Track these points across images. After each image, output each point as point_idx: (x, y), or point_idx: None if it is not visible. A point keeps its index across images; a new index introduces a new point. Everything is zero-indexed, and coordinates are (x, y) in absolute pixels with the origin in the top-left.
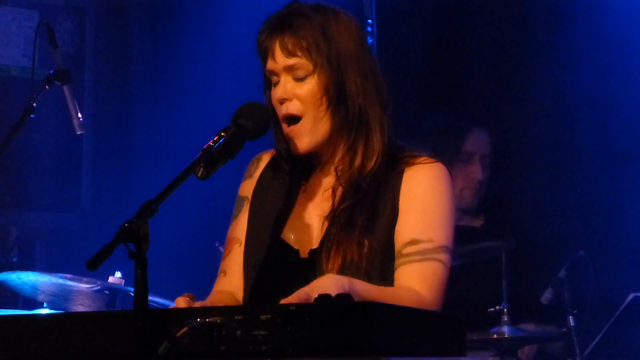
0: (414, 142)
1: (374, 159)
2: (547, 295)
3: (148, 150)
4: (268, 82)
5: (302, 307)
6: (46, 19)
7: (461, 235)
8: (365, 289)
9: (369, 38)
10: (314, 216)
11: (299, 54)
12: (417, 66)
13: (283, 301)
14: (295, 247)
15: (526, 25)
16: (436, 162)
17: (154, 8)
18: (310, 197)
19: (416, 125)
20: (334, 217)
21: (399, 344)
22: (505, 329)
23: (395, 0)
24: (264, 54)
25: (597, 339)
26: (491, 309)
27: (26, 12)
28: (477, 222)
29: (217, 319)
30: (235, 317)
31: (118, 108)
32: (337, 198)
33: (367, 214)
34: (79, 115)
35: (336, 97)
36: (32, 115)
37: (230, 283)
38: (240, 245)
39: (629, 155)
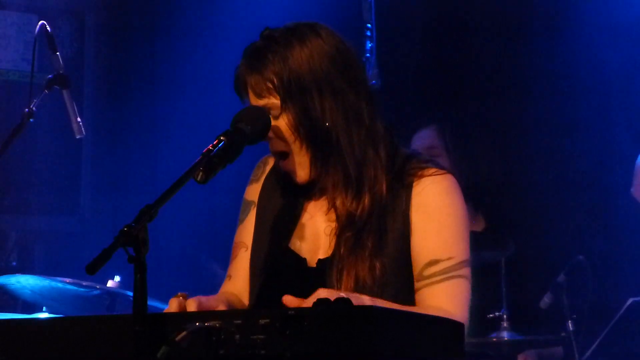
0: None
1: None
2: (546, 300)
3: (147, 155)
4: None
5: (301, 312)
6: (45, 23)
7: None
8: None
9: (367, 42)
10: (320, 225)
11: (266, 95)
12: (416, 70)
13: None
14: (303, 256)
15: (524, 29)
16: (445, 173)
17: (152, 12)
18: (316, 205)
19: (415, 129)
20: (341, 236)
21: (398, 348)
22: (504, 334)
23: (394, 5)
24: (242, 93)
25: (595, 344)
26: (490, 315)
27: (25, 16)
28: (478, 227)
29: (216, 323)
30: (234, 322)
31: (117, 112)
32: (341, 213)
33: (376, 234)
34: (78, 119)
35: (305, 129)
36: (31, 120)
37: (235, 287)
38: (246, 250)
39: (630, 159)
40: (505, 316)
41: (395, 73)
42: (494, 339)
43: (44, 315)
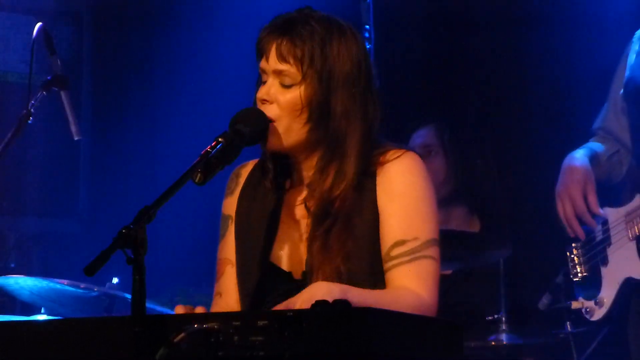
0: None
1: (344, 183)
2: (544, 301)
3: (146, 156)
4: (259, 79)
5: (299, 313)
6: (44, 25)
7: (460, 241)
8: (360, 295)
9: (366, 44)
10: (297, 235)
11: (291, 61)
12: (414, 71)
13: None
14: (287, 270)
15: (523, 29)
16: (405, 152)
17: (151, 13)
18: (292, 214)
19: (415, 128)
20: (312, 244)
21: (396, 350)
22: (503, 336)
23: (392, 6)
24: (261, 51)
25: (593, 345)
26: (489, 318)
27: (24, 18)
28: (474, 228)
29: (215, 325)
30: (233, 323)
31: (116, 114)
32: (311, 219)
33: (343, 234)
34: (77, 121)
35: (318, 113)
36: (29, 121)
37: (227, 304)
38: (232, 267)
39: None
40: (503, 318)
41: (393, 74)
42: (493, 343)
43: (42, 316)
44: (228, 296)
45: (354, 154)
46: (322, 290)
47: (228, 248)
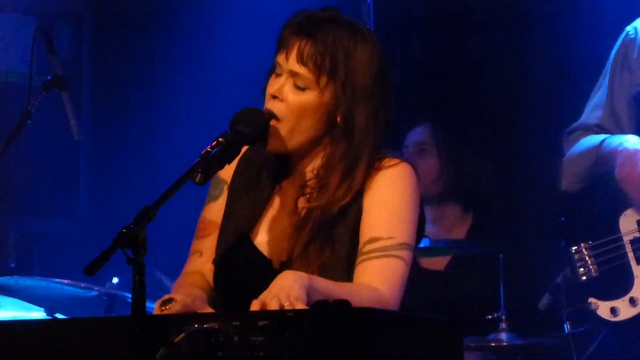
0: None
1: (351, 193)
2: (544, 301)
3: (146, 156)
4: (273, 68)
5: (299, 313)
6: (44, 25)
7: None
8: (325, 286)
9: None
10: (284, 225)
11: (310, 66)
12: (415, 72)
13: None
14: (268, 257)
15: (524, 30)
16: (400, 162)
17: (151, 14)
18: (283, 203)
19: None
20: (297, 240)
21: (396, 350)
22: (503, 335)
23: (392, 7)
24: (281, 46)
25: (594, 345)
26: (489, 316)
27: (24, 18)
28: (466, 225)
29: (215, 325)
30: (233, 323)
31: (116, 114)
32: (302, 213)
33: (324, 243)
34: (77, 121)
35: (333, 121)
36: (29, 121)
37: (204, 266)
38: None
39: None
40: (503, 317)
41: (393, 74)
42: (493, 342)
43: (42, 316)
44: (208, 257)
45: (365, 164)
46: (289, 279)
47: (218, 211)
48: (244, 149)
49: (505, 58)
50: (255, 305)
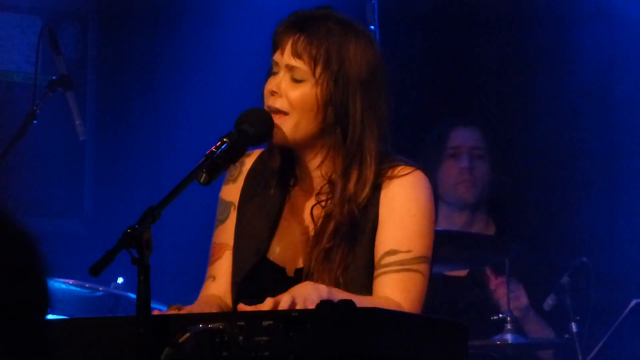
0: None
1: (367, 188)
2: (549, 302)
3: (151, 156)
4: (270, 72)
5: (304, 313)
6: (49, 25)
7: (470, 243)
8: (342, 297)
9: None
10: (298, 234)
11: (305, 59)
12: (420, 73)
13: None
14: (282, 265)
15: (529, 31)
16: (414, 170)
17: (156, 14)
18: (295, 212)
19: (418, 133)
20: (314, 248)
21: (401, 351)
22: (508, 336)
23: (398, 8)
24: (276, 44)
25: (599, 346)
26: (494, 317)
27: (29, 18)
28: (491, 230)
29: (220, 325)
30: (238, 323)
31: (121, 114)
32: (317, 221)
33: (346, 247)
34: (82, 121)
35: (334, 115)
36: (34, 121)
37: (219, 288)
38: (230, 252)
39: (633, 161)
40: (508, 318)
41: (399, 76)
42: (498, 342)
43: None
44: (222, 280)
45: (373, 160)
46: (309, 287)
47: (227, 234)
48: (250, 161)
49: (510, 58)
50: (268, 303)
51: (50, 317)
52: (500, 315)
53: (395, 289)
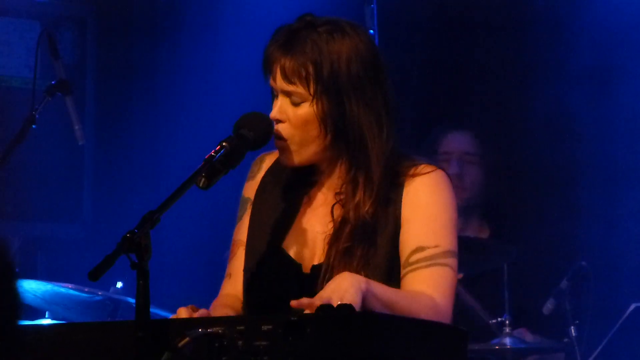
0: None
1: (374, 192)
2: (548, 306)
3: (150, 161)
4: (272, 91)
5: (304, 318)
6: (48, 30)
7: (468, 246)
8: (382, 291)
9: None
10: (315, 231)
11: (297, 82)
12: (419, 77)
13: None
14: (298, 261)
15: (528, 36)
16: (436, 169)
17: (155, 19)
18: (312, 209)
19: (417, 136)
20: (333, 245)
21: (401, 355)
22: (507, 340)
23: (397, 11)
24: (266, 70)
25: (598, 350)
26: (493, 321)
27: (28, 23)
28: (484, 234)
29: (219, 330)
30: (237, 328)
31: (120, 118)
32: (337, 218)
33: (366, 243)
34: (81, 125)
35: (333, 125)
36: (33, 126)
37: (235, 286)
38: (244, 248)
39: (631, 166)
40: (507, 322)
41: (398, 80)
42: (497, 346)
43: (46, 321)
44: (237, 278)
45: (379, 161)
46: (347, 281)
47: (243, 230)
48: (271, 159)
49: (509, 62)
50: (304, 304)
51: (48, 322)
52: (499, 319)
53: (426, 284)
